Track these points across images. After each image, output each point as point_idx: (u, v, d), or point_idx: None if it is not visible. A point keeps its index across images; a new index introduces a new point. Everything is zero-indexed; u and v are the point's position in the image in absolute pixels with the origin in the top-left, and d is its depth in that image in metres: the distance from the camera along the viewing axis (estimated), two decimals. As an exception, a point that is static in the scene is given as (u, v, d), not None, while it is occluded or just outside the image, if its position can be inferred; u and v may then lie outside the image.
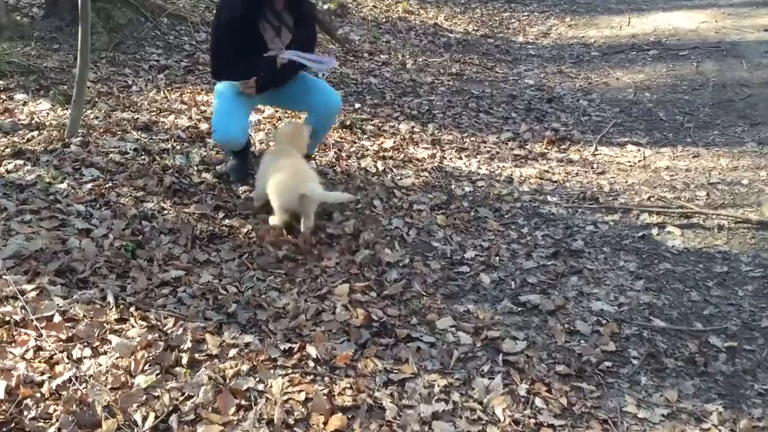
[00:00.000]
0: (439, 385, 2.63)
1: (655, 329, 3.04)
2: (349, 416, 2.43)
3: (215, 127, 3.89)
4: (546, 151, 5.19)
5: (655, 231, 3.92)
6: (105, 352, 2.58)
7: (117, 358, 2.56)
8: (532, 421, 2.47)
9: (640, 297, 3.27)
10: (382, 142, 5.04)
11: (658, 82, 6.77)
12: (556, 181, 4.63)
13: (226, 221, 3.64)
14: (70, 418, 2.26)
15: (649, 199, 4.34)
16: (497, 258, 3.61)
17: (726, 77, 6.66)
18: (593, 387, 2.67)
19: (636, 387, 2.69)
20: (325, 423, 2.39)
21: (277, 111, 5.15)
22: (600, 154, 5.14)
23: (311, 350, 2.73)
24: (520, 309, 3.17)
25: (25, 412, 2.26)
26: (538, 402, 2.57)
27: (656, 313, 3.15)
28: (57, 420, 2.25)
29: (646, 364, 2.83)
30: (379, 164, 4.61)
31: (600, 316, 3.12)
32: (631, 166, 4.90)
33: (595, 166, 4.92)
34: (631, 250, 3.73)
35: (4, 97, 4.67)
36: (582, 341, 2.96)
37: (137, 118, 4.62)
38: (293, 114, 5.08)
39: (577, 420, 2.51)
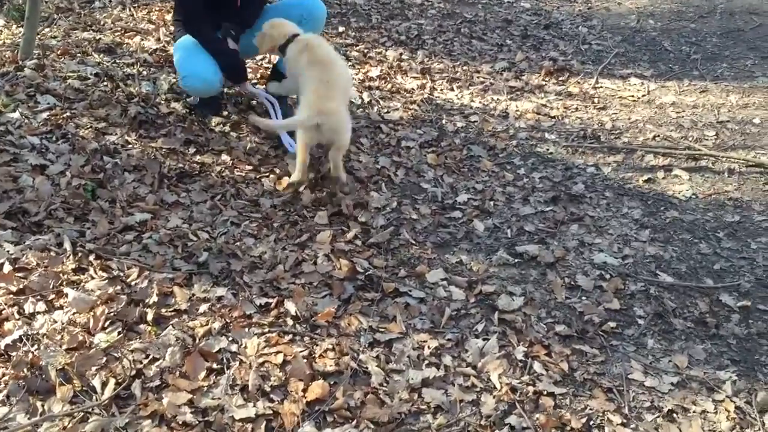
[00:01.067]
0: (429, 347, 2.41)
1: (663, 285, 2.81)
2: (331, 382, 2.22)
3: (185, 71, 3.49)
4: (543, 82, 4.88)
5: (661, 174, 3.66)
6: (60, 307, 2.37)
7: (74, 313, 2.35)
8: (531, 388, 2.27)
9: (645, 248, 3.04)
10: (368, 71, 4.70)
11: (663, 8, 6.41)
12: (554, 117, 4.34)
13: (198, 157, 3.35)
14: (19, 384, 2.07)
15: (654, 138, 4.06)
16: (492, 202, 3.34)
17: (735, 4, 6.32)
18: (596, 350, 2.46)
19: (642, 351, 2.48)
20: (305, 390, 2.19)
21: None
22: (601, 87, 4.84)
23: (290, 306, 2.51)
24: (516, 260, 2.94)
25: (-31, 376, 2.03)
26: (537, 367, 2.37)
27: (663, 267, 2.93)
28: (5, 386, 2.05)
29: (652, 324, 2.62)
30: (365, 95, 4.29)
31: (603, 269, 2.90)
32: (634, 101, 4.60)
33: (595, 100, 4.62)
34: (635, 195, 3.47)
35: (-50, 11, 4.24)
36: (584, 298, 2.74)
37: (99, 38, 4.27)
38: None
39: (579, 388, 2.31)
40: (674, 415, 2.21)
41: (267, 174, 3.32)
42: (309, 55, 3.25)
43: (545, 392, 2.27)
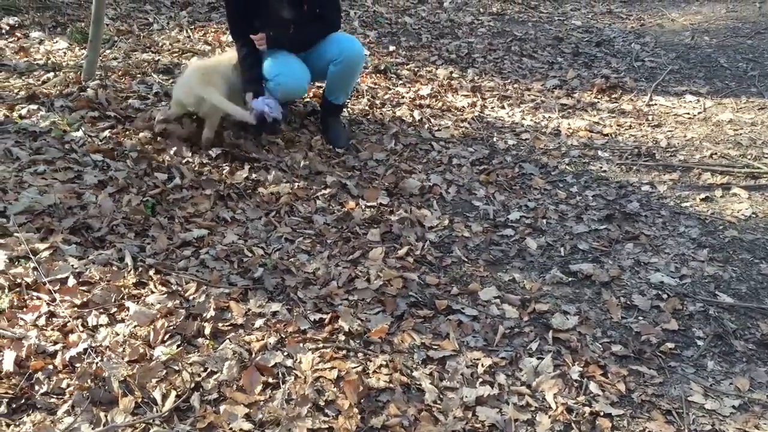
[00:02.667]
0: (483, 365, 2.39)
1: (722, 306, 2.75)
2: (385, 399, 2.21)
3: (276, 70, 3.49)
4: (596, 100, 4.83)
5: (719, 193, 3.58)
6: (122, 320, 2.40)
7: (135, 326, 2.38)
8: (587, 409, 2.23)
9: (704, 268, 2.97)
10: (419, 89, 4.72)
11: (718, 25, 6.29)
12: (607, 135, 4.29)
13: (253, 175, 3.40)
14: (84, 395, 2.09)
15: (711, 156, 3.98)
16: (544, 220, 3.32)
17: (792, 20, 6.16)
18: (654, 371, 2.41)
19: (702, 373, 2.42)
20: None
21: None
22: (655, 104, 4.76)
23: (344, 322, 2.50)
24: (570, 279, 2.90)
25: (37, 387, 2.09)
26: (593, 387, 2.33)
27: (723, 288, 2.86)
28: (70, 396, 2.08)
29: (712, 346, 2.56)
30: (416, 113, 4.31)
31: (660, 289, 2.84)
32: (690, 118, 4.52)
33: (650, 117, 4.55)
34: (692, 214, 3.40)
35: (19, 34, 4.42)
36: (640, 318, 2.69)
37: (158, 59, 4.37)
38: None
39: (637, 410, 2.26)
40: (737, 439, 2.15)
41: (320, 191, 3.36)
42: None
43: (602, 413, 2.22)
